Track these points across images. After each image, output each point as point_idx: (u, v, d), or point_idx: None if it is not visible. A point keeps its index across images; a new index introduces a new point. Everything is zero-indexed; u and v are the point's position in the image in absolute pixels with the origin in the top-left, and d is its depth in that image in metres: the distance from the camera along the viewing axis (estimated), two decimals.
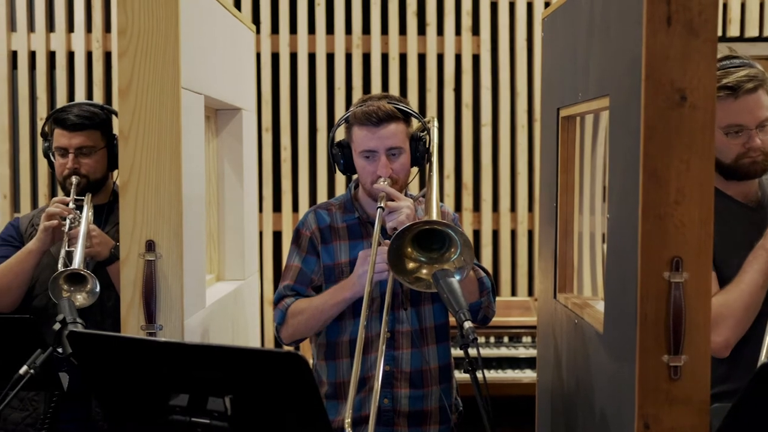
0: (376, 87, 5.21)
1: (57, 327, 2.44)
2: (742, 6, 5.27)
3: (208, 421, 1.87)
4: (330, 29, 5.25)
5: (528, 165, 5.27)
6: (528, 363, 4.51)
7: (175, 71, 2.65)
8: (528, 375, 4.46)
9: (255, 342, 3.97)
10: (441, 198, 2.79)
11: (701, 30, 2.15)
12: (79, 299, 2.82)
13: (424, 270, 2.55)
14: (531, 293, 5.21)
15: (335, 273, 2.88)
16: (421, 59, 5.27)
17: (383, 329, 2.58)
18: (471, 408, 2.60)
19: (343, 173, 2.91)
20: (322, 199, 5.16)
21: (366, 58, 5.26)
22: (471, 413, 2.76)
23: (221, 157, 3.62)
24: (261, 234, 5.09)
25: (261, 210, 5.12)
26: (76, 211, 3.01)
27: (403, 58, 5.26)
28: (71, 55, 5.16)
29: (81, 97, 5.08)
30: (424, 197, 2.80)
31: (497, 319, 3.07)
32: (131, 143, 2.66)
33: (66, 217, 2.98)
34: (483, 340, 4.58)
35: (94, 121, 3.13)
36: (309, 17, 5.24)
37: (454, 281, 2.38)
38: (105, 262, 3.01)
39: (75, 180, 3.09)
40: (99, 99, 5.09)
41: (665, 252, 2.17)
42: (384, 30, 5.25)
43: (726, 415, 1.74)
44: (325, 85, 5.24)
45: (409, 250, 2.55)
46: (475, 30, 5.28)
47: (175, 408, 1.89)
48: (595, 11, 2.63)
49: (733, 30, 5.23)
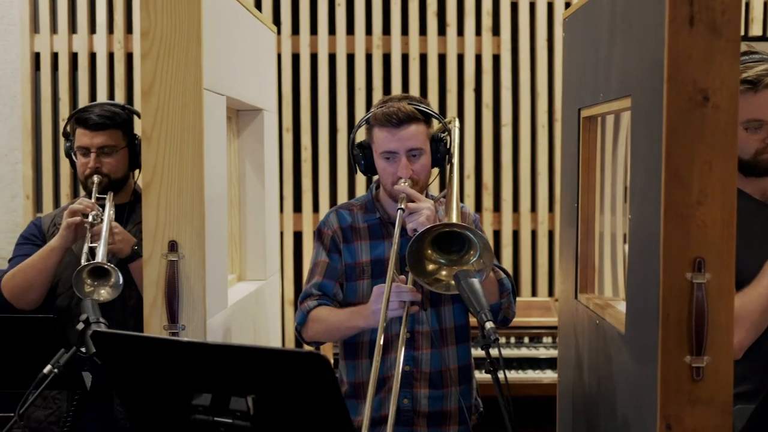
0: (396, 87, 5.21)
1: (80, 327, 2.46)
2: (765, 5, 5.24)
3: (230, 421, 1.88)
4: (350, 30, 5.25)
5: (548, 165, 5.25)
6: (548, 363, 4.50)
7: (198, 72, 2.66)
8: (548, 375, 4.45)
9: (276, 342, 3.98)
10: (461, 198, 2.79)
11: (724, 30, 2.14)
12: (103, 293, 2.84)
13: (443, 272, 2.55)
14: (551, 294, 5.20)
15: (356, 272, 2.89)
16: (442, 60, 5.27)
17: (402, 329, 2.58)
18: (492, 408, 2.60)
19: (364, 174, 2.92)
20: (342, 200, 5.16)
21: (386, 58, 5.26)
22: (492, 414, 2.76)
23: (242, 158, 3.63)
24: (281, 234, 5.10)
25: (281, 210, 5.13)
26: (98, 208, 3.03)
27: (424, 58, 5.25)
28: (93, 56, 5.19)
29: (103, 98, 5.10)
30: (444, 198, 2.81)
31: (518, 320, 3.06)
32: (154, 144, 2.67)
33: (89, 214, 2.99)
34: (503, 340, 4.58)
35: (115, 121, 3.15)
36: (329, 18, 5.24)
37: (475, 282, 2.38)
38: (126, 259, 3.02)
39: (97, 179, 3.11)
40: (121, 100, 5.11)
41: (687, 252, 2.16)
42: (404, 30, 5.25)
43: (750, 417, 1.74)
44: (346, 86, 5.24)
45: (429, 251, 2.55)
46: (496, 30, 5.27)
47: (198, 407, 1.90)
48: (617, 11, 2.62)
49: (756, 29, 5.20)
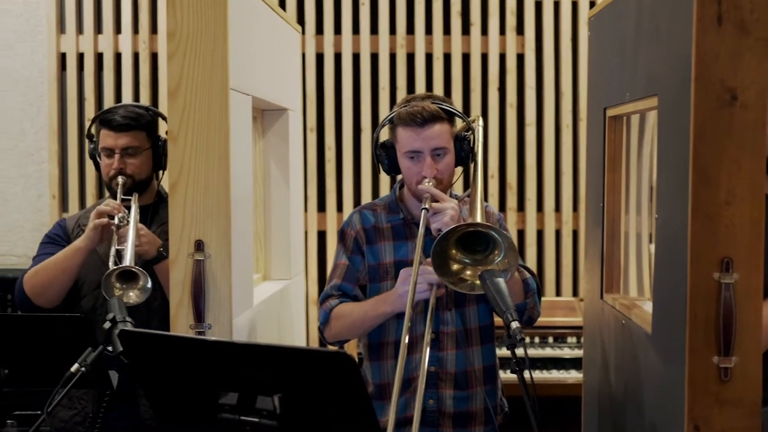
0: (420, 87, 5.20)
1: (107, 326, 2.47)
2: None
3: (257, 420, 1.89)
4: (374, 29, 5.25)
5: (573, 165, 5.24)
6: (573, 363, 4.49)
7: (224, 73, 2.67)
8: (573, 375, 4.44)
9: (300, 341, 3.99)
10: (485, 198, 2.79)
11: (753, 28, 2.13)
12: (132, 296, 2.84)
13: (468, 271, 2.55)
14: (576, 293, 5.18)
15: (380, 273, 2.89)
16: (466, 59, 5.26)
17: (428, 330, 2.58)
18: (517, 408, 2.59)
19: (388, 174, 2.92)
20: (366, 199, 5.17)
21: (410, 58, 5.25)
22: (516, 413, 2.76)
23: (267, 158, 3.64)
24: (305, 234, 5.11)
25: (305, 210, 5.13)
26: (125, 210, 3.03)
27: (448, 57, 5.25)
28: (118, 57, 5.22)
29: (128, 98, 5.13)
30: (468, 197, 2.80)
31: (542, 320, 3.06)
32: (180, 144, 2.68)
33: (115, 216, 3.00)
34: (528, 340, 4.57)
35: (140, 122, 3.16)
36: (353, 17, 5.24)
37: (501, 281, 2.38)
38: (152, 261, 3.03)
39: (121, 180, 3.11)
40: (146, 99, 5.15)
41: (715, 252, 2.15)
42: (428, 30, 5.24)
43: None
44: (370, 85, 5.24)
45: (454, 251, 2.54)
46: (520, 29, 5.26)
47: (225, 406, 1.91)
48: (644, 10, 2.61)
49: None
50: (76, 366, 2.40)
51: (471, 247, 2.55)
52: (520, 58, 5.26)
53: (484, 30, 5.26)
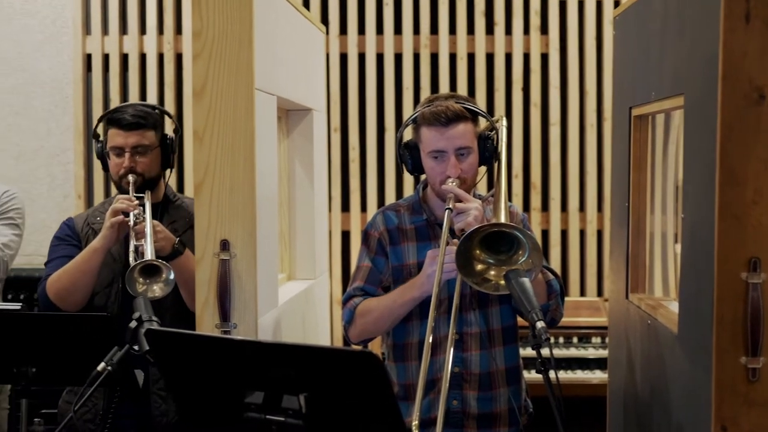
0: (444, 87, 5.20)
1: (133, 325, 2.47)
2: None
3: (283, 419, 1.89)
4: (398, 29, 5.25)
5: (597, 164, 5.22)
6: (597, 364, 4.48)
7: (249, 73, 2.67)
8: (597, 376, 4.42)
9: (325, 341, 4.00)
10: (509, 198, 2.78)
11: None
12: (156, 290, 2.84)
13: (492, 272, 2.54)
14: (600, 293, 5.16)
15: (403, 274, 2.88)
16: (489, 59, 5.25)
17: (451, 331, 2.58)
18: (541, 409, 2.59)
19: (411, 174, 2.91)
20: (390, 199, 5.17)
21: (434, 57, 5.25)
22: (541, 414, 2.75)
23: (292, 158, 3.65)
24: (329, 234, 5.11)
25: (329, 210, 5.14)
26: (140, 207, 3.03)
27: (471, 57, 5.24)
28: (143, 57, 5.24)
29: (153, 98, 5.16)
30: (492, 197, 2.80)
31: (566, 320, 3.05)
32: (206, 144, 2.69)
33: (130, 213, 3.00)
34: (552, 340, 4.55)
35: (148, 121, 3.15)
36: (377, 17, 5.25)
37: (526, 281, 2.37)
38: (167, 257, 3.00)
39: (132, 178, 3.10)
40: (170, 100, 5.17)
41: (743, 252, 2.14)
42: (452, 30, 5.24)
43: None
44: (393, 85, 5.24)
45: (478, 252, 2.54)
46: (544, 29, 5.24)
47: (251, 405, 1.92)
48: (669, 9, 2.60)
49: None
50: (102, 365, 2.40)
51: (495, 248, 2.54)
52: (544, 57, 5.25)
53: (508, 29, 5.25)
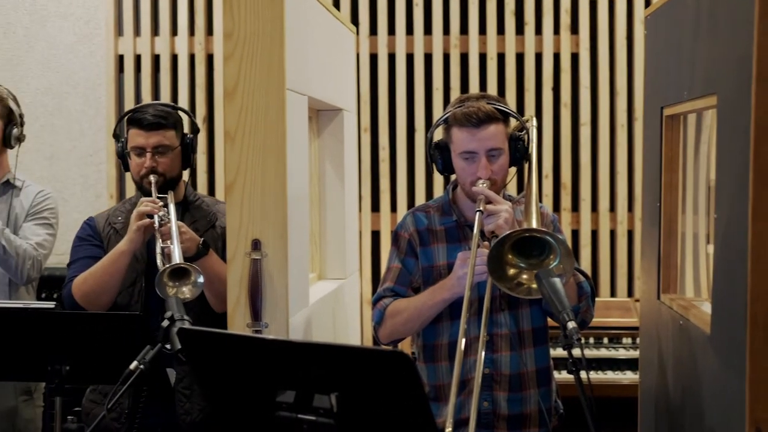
0: (474, 87, 5.19)
1: (165, 324, 2.49)
2: None
3: (314, 418, 1.89)
4: (428, 30, 5.25)
5: (628, 164, 5.19)
6: (628, 364, 4.45)
7: (280, 73, 2.68)
8: (628, 377, 4.40)
9: (355, 341, 4.00)
10: (539, 198, 2.77)
11: None
12: (185, 292, 2.85)
13: (524, 275, 2.53)
14: (631, 294, 5.14)
15: (433, 275, 2.88)
16: (520, 59, 5.24)
17: (482, 332, 2.57)
18: (571, 409, 2.58)
19: (442, 173, 2.91)
20: (420, 199, 5.17)
21: (464, 58, 5.25)
22: (571, 414, 2.74)
23: (323, 157, 3.66)
24: (360, 233, 5.12)
25: (359, 210, 5.15)
26: (164, 209, 3.03)
27: (501, 57, 5.23)
28: (175, 58, 5.28)
29: (184, 99, 5.19)
30: (523, 198, 2.79)
31: (597, 320, 3.04)
32: (237, 144, 2.70)
33: (155, 215, 3.00)
34: (582, 341, 4.53)
35: (169, 121, 3.16)
36: (407, 18, 5.25)
37: (557, 281, 2.36)
38: (191, 258, 3.01)
39: (154, 179, 3.10)
40: (202, 101, 5.20)
41: None
42: (482, 30, 5.23)
43: None
44: (423, 86, 5.24)
45: (510, 256, 2.53)
46: (574, 29, 5.22)
47: (282, 404, 1.92)
48: (702, 8, 2.59)
49: None
50: (134, 363, 2.42)
51: (526, 252, 2.53)
52: (574, 57, 5.23)
53: (538, 29, 5.23)
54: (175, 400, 3.07)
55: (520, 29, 5.23)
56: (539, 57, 5.23)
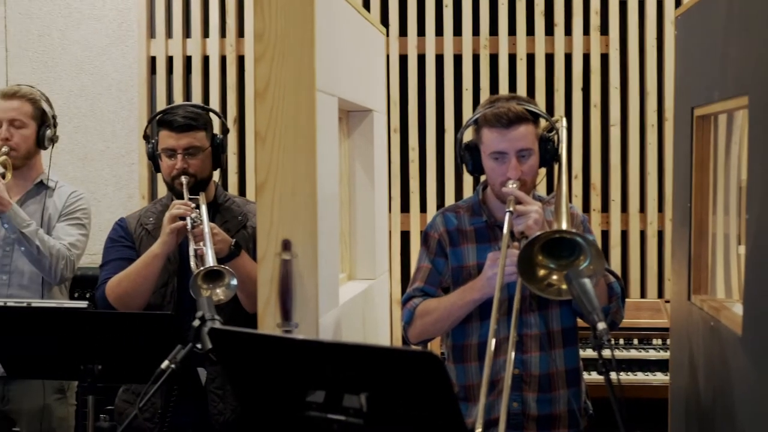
0: (503, 88, 5.18)
1: (196, 324, 2.50)
2: None
3: (344, 418, 1.90)
4: (457, 31, 5.25)
5: (658, 165, 5.16)
6: (658, 365, 4.43)
7: (311, 74, 2.69)
8: (658, 378, 4.38)
9: (384, 341, 4.01)
10: (569, 199, 2.77)
11: None
12: (219, 294, 2.87)
13: (554, 276, 2.53)
14: (661, 295, 5.11)
15: (463, 275, 2.89)
16: (549, 59, 5.22)
17: (512, 333, 2.57)
18: (601, 410, 2.57)
19: (471, 174, 2.92)
20: (449, 200, 5.16)
21: (493, 59, 5.24)
22: (601, 415, 2.74)
23: (353, 158, 3.66)
24: (389, 234, 5.13)
25: (389, 210, 5.15)
26: (196, 210, 3.05)
27: (531, 58, 5.22)
28: (206, 60, 5.31)
29: (215, 100, 5.22)
30: (553, 199, 2.79)
31: (627, 321, 3.03)
32: (268, 145, 2.71)
33: (187, 217, 3.02)
34: (612, 341, 4.52)
35: (199, 122, 3.18)
36: (436, 19, 5.25)
37: (587, 282, 2.36)
38: (223, 259, 3.02)
39: (185, 180, 3.12)
40: (233, 102, 5.23)
41: None
42: (511, 31, 5.22)
43: None
44: (453, 87, 5.24)
45: (540, 257, 2.53)
46: (604, 29, 5.20)
47: (312, 404, 1.93)
48: (733, 8, 2.57)
49: None
50: (166, 363, 2.43)
51: (556, 253, 2.53)
52: (604, 58, 5.21)
53: (567, 30, 5.22)
54: (208, 400, 3.09)
55: (549, 30, 5.22)
56: (569, 58, 5.22)
